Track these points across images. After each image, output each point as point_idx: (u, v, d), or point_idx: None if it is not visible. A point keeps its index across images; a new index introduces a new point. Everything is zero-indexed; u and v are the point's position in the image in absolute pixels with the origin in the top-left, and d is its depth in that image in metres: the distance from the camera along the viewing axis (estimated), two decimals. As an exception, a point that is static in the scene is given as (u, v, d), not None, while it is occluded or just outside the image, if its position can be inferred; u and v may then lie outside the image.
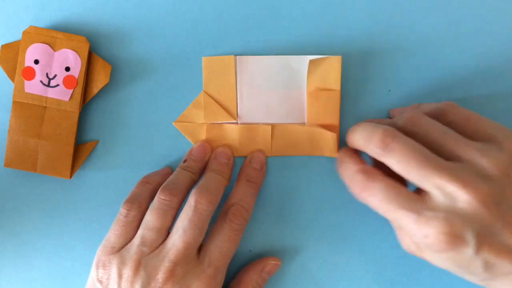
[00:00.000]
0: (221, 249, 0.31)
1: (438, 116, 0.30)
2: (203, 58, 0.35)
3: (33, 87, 0.34)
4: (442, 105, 0.31)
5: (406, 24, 0.36)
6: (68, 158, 0.35)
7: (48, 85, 0.34)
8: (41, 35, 0.34)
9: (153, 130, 0.36)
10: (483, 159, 0.27)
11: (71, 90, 0.34)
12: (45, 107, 0.34)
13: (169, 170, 0.36)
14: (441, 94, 0.36)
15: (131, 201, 0.32)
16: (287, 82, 0.35)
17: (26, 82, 0.34)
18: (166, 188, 0.32)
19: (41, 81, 0.34)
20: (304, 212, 0.36)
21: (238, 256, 0.36)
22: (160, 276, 0.30)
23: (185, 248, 0.30)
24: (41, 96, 0.34)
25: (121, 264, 0.31)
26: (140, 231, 0.31)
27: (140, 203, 0.32)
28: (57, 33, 0.34)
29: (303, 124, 0.36)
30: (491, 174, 0.27)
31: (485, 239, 0.26)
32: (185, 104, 0.36)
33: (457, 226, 0.26)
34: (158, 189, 0.32)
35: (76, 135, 0.35)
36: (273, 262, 0.35)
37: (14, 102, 0.34)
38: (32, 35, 0.34)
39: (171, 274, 0.30)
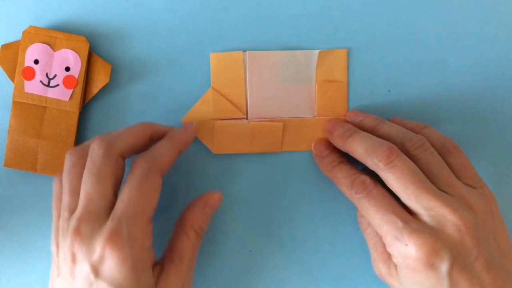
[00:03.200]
0: (123, 199, 0.29)
1: (440, 151, 0.32)
2: (211, 54, 0.35)
3: (33, 87, 0.34)
4: (448, 144, 0.33)
5: (406, 24, 0.36)
6: (68, 158, 0.35)
7: (48, 85, 0.34)
8: (41, 35, 0.34)
9: (153, 130, 0.36)
10: (469, 196, 0.30)
11: (71, 90, 0.34)
12: (45, 107, 0.34)
13: None
14: (441, 94, 0.36)
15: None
16: (296, 76, 0.35)
17: (26, 82, 0.34)
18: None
19: (41, 81, 0.34)
20: (304, 212, 0.36)
21: (239, 256, 0.36)
22: (69, 236, 0.28)
23: (87, 199, 0.29)
24: (41, 96, 0.34)
25: (55, 233, 0.31)
26: None
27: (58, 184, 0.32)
28: (57, 33, 0.34)
29: (313, 117, 0.36)
30: (475, 210, 0.30)
31: (459, 263, 0.28)
32: (185, 104, 0.36)
33: (438, 244, 0.28)
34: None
35: (76, 135, 0.35)
36: (216, 195, 0.33)
37: (14, 102, 0.34)
38: (32, 35, 0.34)
39: (77, 232, 0.28)
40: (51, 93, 0.34)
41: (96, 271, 0.28)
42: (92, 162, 0.29)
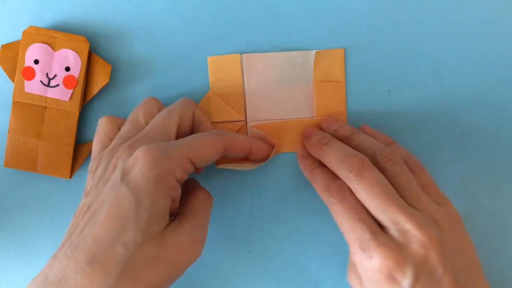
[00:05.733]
0: (186, 137, 0.30)
1: (408, 166, 0.33)
2: (209, 58, 0.35)
3: (33, 87, 0.34)
4: (410, 163, 0.33)
5: (406, 24, 0.36)
6: (68, 158, 0.35)
7: (48, 85, 0.34)
8: (41, 35, 0.34)
9: (153, 130, 0.36)
10: (436, 212, 0.30)
11: (71, 90, 0.34)
12: (45, 107, 0.34)
13: None
14: (441, 94, 0.36)
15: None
16: (293, 77, 0.35)
17: (26, 82, 0.34)
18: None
19: (41, 81, 0.34)
20: (304, 212, 0.36)
21: (238, 256, 0.36)
22: (120, 150, 0.29)
23: (150, 127, 0.30)
24: (41, 96, 0.34)
25: (93, 163, 0.32)
26: None
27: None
28: (57, 33, 0.34)
29: (312, 117, 0.36)
30: (441, 226, 0.30)
31: (423, 280, 0.28)
32: (185, 104, 0.36)
33: (401, 259, 0.28)
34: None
35: (76, 135, 0.35)
36: None
37: (14, 102, 0.34)
38: (32, 35, 0.34)
39: (129, 147, 0.29)
40: (51, 93, 0.34)
41: (124, 174, 0.27)
42: (172, 104, 0.32)
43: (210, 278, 0.36)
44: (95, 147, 0.32)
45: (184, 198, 0.31)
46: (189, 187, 0.32)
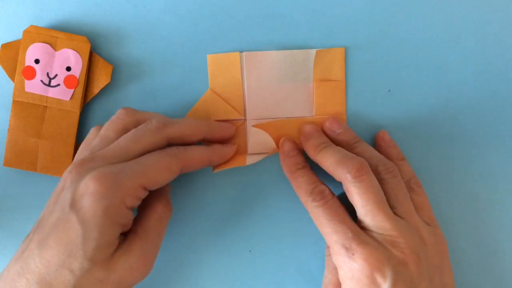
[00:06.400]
0: (138, 159, 0.29)
1: (406, 183, 0.34)
2: (208, 56, 0.35)
3: (34, 86, 0.34)
4: (412, 182, 0.34)
5: (406, 24, 0.36)
6: (68, 158, 0.35)
7: (49, 85, 0.34)
8: (41, 34, 0.34)
9: (154, 130, 0.36)
10: (423, 229, 0.31)
11: (72, 90, 0.34)
12: (46, 106, 0.34)
13: None
14: (441, 94, 0.36)
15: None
16: (293, 76, 0.35)
17: (26, 81, 0.34)
18: (125, 107, 0.33)
19: (41, 81, 0.34)
20: (304, 212, 0.36)
21: (238, 256, 0.36)
22: (73, 164, 0.29)
23: (114, 147, 0.29)
24: (41, 96, 0.34)
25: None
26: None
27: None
28: (58, 33, 0.34)
29: (311, 117, 0.36)
30: (425, 242, 0.31)
31: (403, 283, 0.29)
32: (185, 104, 0.36)
33: (382, 258, 0.29)
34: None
35: (76, 135, 0.35)
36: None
37: (14, 102, 0.34)
38: (33, 34, 0.34)
39: (82, 163, 0.28)
40: (52, 93, 0.34)
41: (74, 201, 0.27)
42: (144, 127, 0.31)
43: (210, 278, 0.36)
44: (76, 156, 0.32)
45: (141, 211, 0.31)
46: (149, 198, 0.31)
